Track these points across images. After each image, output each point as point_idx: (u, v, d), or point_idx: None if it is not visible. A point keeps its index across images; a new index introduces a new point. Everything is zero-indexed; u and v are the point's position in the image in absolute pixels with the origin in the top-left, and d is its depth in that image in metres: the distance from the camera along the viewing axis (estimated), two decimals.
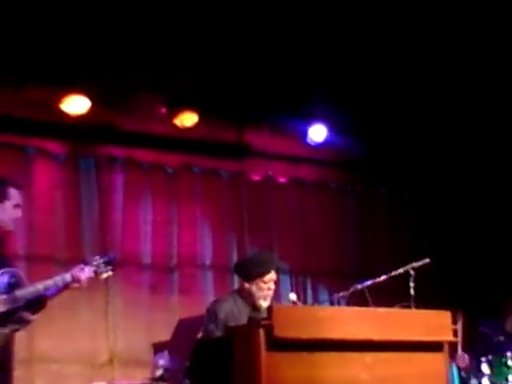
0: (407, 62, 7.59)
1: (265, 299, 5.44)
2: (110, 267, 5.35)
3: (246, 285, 5.45)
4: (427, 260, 5.62)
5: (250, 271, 5.46)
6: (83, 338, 7.46)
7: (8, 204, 5.05)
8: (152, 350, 6.66)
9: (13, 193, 5.09)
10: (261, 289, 5.43)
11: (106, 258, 5.38)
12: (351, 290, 5.70)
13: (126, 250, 7.82)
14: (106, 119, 7.78)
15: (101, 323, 7.60)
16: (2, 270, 4.94)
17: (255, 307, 5.44)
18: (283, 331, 4.34)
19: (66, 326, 7.26)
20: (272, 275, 5.49)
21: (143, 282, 7.90)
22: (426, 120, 8.48)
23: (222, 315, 5.30)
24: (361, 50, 7.41)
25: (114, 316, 7.65)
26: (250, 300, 5.45)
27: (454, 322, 5.15)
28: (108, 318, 7.63)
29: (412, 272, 5.50)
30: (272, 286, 5.50)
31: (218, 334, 5.18)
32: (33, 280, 5.13)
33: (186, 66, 7.30)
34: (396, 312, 4.97)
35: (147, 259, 7.98)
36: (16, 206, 5.09)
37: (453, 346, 5.03)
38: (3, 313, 4.83)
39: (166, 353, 6.03)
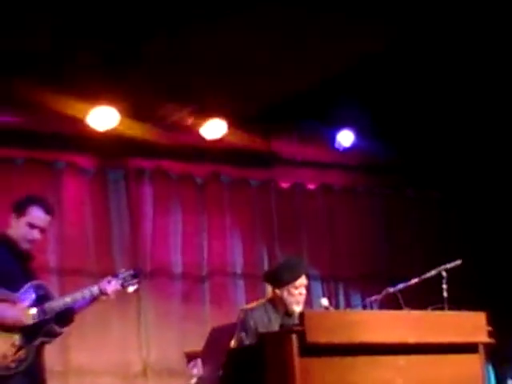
0: (431, 63, 7.53)
1: (297, 304, 5.42)
2: (136, 280, 5.38)
3: (277, 291, 5.43)
4: (459, 261, 5.56)
5: (280, 277, 5.44)
6: (116, 350, 7.50)
7: (23, 221, 5.01)
8: (185, 359, 6.65)
9: (33, 212, 5.03)
10: (292, 294, 5.41)
11: (132, 271, 5.40)
12: (383, 293, 5.65)
13: (156, 261, 7.85)
14: (133, 132, 7.80)
15: (133, 334, 7.63)
16: (30, 284, 4.96)
17: (287, 313, 5.42)
18: (316, 336, 4.31)
19: (99, 338, 7.30)
20: (302, 280, 5.47)
21: (175, 292, 7.92)
22: (455, 120, 8.42)
23: (252, 323, 5.29)
24: (385, 53, 7.37)
25: (147, 327, 7.68)
26: (281, 307, 5.43)
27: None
28: (140, 329, 7.66)
29: (444, 274, 5.45)
30: (303, 291, 5.47)
31: (249, 341, 5.16)
32: (65, 293, 5.17)
33: (212, 75, 7.30)
34: (429, 314, 4.93)
35: (178, 269, 7.99)
36: (32, 225, 5.02)
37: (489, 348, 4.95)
38: (33, 326, 4.85)
39: (199, 362, 6.02)
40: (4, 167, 7.39)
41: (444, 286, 5.40)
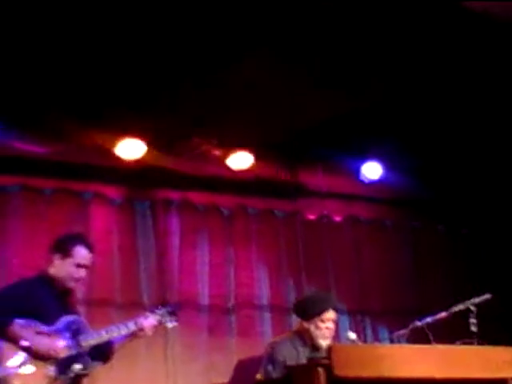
0: (459, 98, 7.52)
1: (323, 339, 5.38)
2: (174, 317, 5.37)
3: (305, 324, 5.41)
4: (488, 296, 5.51)
5: (308, 310, 5.42)
6: (144, 382, 7.47)
7: (69, 262, 5.06)
8: None
9: (78, 252, 5.09)
10: (319, 328, 5.38)
11: (169, 308, 5.40)
12: (411, 327, 5.60)
13: (183, 293, 7.84)
14: (160, 163, 7.84)
15: (160, 366, 7.60)
16: (66, 318, 4.99)
17: (314, 347, 5.38)
18: (343, 370, 4.27)
19: (126, 370, 7.25)
20: (330, 314, 5.44)
21: (201, 325, 7.88)
22: (482, 156, 8.38)
23: (279, 356, 5.26)
24: (410, 89, 7.37)
25: (174, 359, 7.64)
26: (308, 340, 5.40)
27: None
28: (167, 361, 7.62)
29: (473, 308, 5.40)
30: (331, 325, 5.44)
31: (276, 375, 5.13)
32: (92, 324, 5.18)
33: (238, 106, 7.33)
34: (458, 349, 4.88)
35: (205, 301, 7.97)
36: (79, 265, 5.08)
37: None
38: (67, 358, 4.87)
39: None
40: (33, 197, 7.46)
41: (472, 321, 5.35)
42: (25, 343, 4.75)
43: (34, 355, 4.76)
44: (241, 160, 8.01)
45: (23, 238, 7.36)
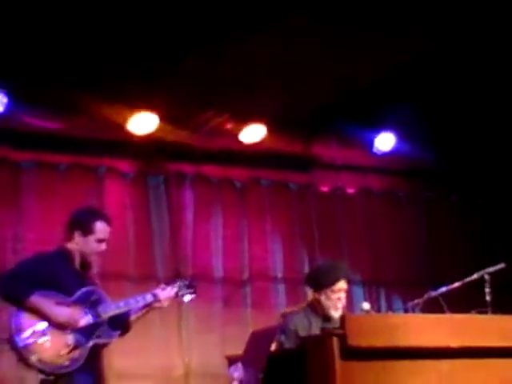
0: (477, 68, 7.46)
1: (335, 309, 5.37)
2: (192, 290, 5.41)
3: (316, 295, 5.41)
4: (502, 265, 5.50)
5: (319, 280, 5.42)
6: (157, 354, 7.52)
7: (91, 238, 5.13)
8: (226, 363, 6.65)
9: (99, 227, 5.16)
10: (329, 298, 5.37)
11: (187, 281, 5.44)
12: (425, 297, 5.61)
13: (197, 266, 7.87)
14: (173, 136, 7.84)
15: (174, 338, 7.65)
16: (84, 289, 5.05)
17: (326, 318, 5.38)
18: (357, 340, 4.28)
19: (140, 342, 7.27)
20: (341, 284, 5.42)
21: (215, 297, 7.93)
22: (497, 126, 8.33)
23: (291, 326, 5.28)
24: (425, 58, 7.32)
25: (188, 331, 7.69)
26: (320, 311, 5.40)
27: None
28: (182, 333, 7.68)
29: (487, 277, 5.39)
30: (342, 295, 5.43)
31: (289, 345, 5.15)
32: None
33: (251, 80, 7.31)
34: (472, 318, 4.86)
35: (219, 274, 8.01)
36: (100, 240, 5.16)
37: None
38: (86, 327, 4.93)
39: (239, 365, 6.01)
40: (47, 172, 7.49)
41: (487, 290, 5.35)
42: (44, 313, 4.81)
43: (54, 325, 4.83)
44: (254, 133, 8.00)
45: (38, 213, 7.41)
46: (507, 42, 7.00)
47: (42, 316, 4.83)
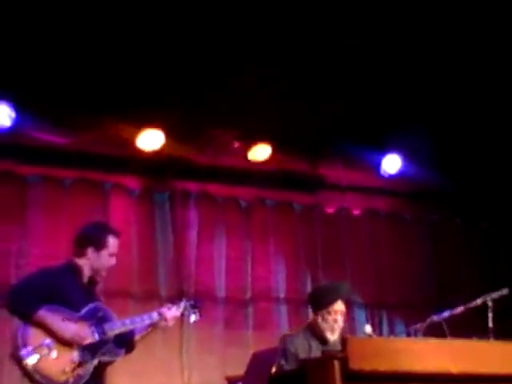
0: (481, 92, 7.48)
1: (331, 331, 5.32)
2: (196, 310, 5.41)
3: (315, 316, 5.38)
4: (506, 290, 5.48)
5: (316, 302, 5.40)
6: (158, 375, 7.48)
7: (104, 253, 5.16)
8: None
9: (111, 242, 5.19)
10: (326, 320, 5.33)
11: (193, 301, 5.44)
12: (428, 321, 5.59)
13: (200, 285, 7.85)
14: (180, 154, 7.86)
15: (176, 358, 7.62)
16: (91, 305, 5.05)
17: (322, 340, 5.34)
18: (358, 363, 4.25)
19: (141, 362, 7.24)
20: (338, 306, 5.37)
21: (217, 317, 7.89)
22: (502, 149, 8.33)
23: (292, 349, 5.25)
24: (435, 80, 7.34)
25: (189, 351, 7.66)
26: (318, 332, 5.36)
27: None
28: (183, 353, 7.64)
29: (490, 303, 5.38)
30: (339, 317, 5.37)
31: (289, 367, 5.12)
32: None
33: (260, 100, 7.34)
34: (474, 343, 4.83)
35: (221, 293, 7.98)
36: (112, 254, 5.20)
37: None
38: (91, 345, 4.92)
39: None
40: (53, 187, 7.50)
41: (490, 315, 5.33)
42: (50, 328, 4.80)
43: (60, 341, 4.82)
44: (260, 152, 8.00)
45: (43, 228, 7.41)
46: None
47: (48, 331, 4.82)
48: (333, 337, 5.30)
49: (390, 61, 7.06)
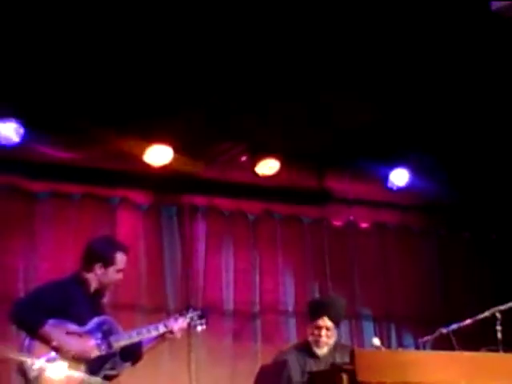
0: (485, 106, 7.49)
1: (317, 346, 5.37)
2: (204, 320, 5.41)
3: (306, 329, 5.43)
4: None
5: (307, 315, 5.43)
6: None
7: (111, 269, 5.18)
8: None
9: (119, 258, 5.22)
10: (312, 334, 5.39)
11: (200, 311, 5.45)
12: (436, 334, 5.58)
13: (208, 298, 7.85)
14: (188, 168, 7.87)
15: (184, 371, 7.60)
16: (97, 319, 5.06)
17: (312, 354, 5.36)
18: (367, 376, 4.27)
19: (149, 374, 7.24)
20: (322, 322, 5.41)
21: (226, 330, 7.89)
22: (508, 162, 8.33)
23: (285, 373, 5.25)
24: (441, 94, 7.35)
25: (197, 363, 7.64)
26: (306, 345, 5.40)
27: None
28: (191, 365, 7.62)
29: (498, 315, 5.36)
30: (323, 333, 5.40)
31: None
32: None
33: (267, 114, 7.36)
34: (483, 356, 4.84)
35: (230, 306, 7.98)
36: (119, 270, 5.22)
37: None
38: (98, 358, 4.92)
39: None
40: (61, 202, 7.52)
41: (498, 328, 5.32)
42: (55, 344, 4.81)
43: (64, 355, 4.82)
44: (268, 166, 8.01)
45: (52, 242, 7.43)
46: None
47: (53, 347, 4.82)
48: (321, 351, 5.34)
49: (399, 75, 7.07)
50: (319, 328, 5.40)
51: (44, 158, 7.34)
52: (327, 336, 5.42)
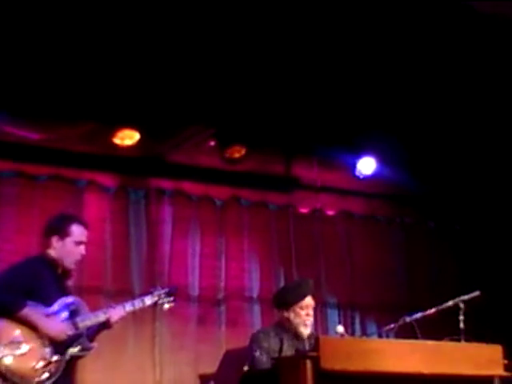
0: (452, 95, 7.55)
1: (304, 326, 5.41)
2: (171, 298, 5.40)
3: (285, 314, 5.45)
4: (477, 293, 5.53)
5: (287, 299, 5.46)
6: (130, 371, 7.47)
7: (68, 240, 5.12)
8: (199, 381, 6.64)
9: (75, 230, 5.16)
10: (299, 315, 5.42)
11: (168, 289, 5.43)
12: (400, 322, 5.61)
13: (173, 282, 7.80)
14: (155, 152, 7.85)
15: (148, 356, 7.60)
16: (63, 299, 5.02)
17: (296, 336, 5.41)
18: (330, 363, 4.30)
19: (113, 359, 7.27)
20: (308, 300, 5.46)
21: (190, 315, 7.89)
22: (475, 153, 8.40)
23: (265, 343, 5.30)
24: (410, 83, 7.39)
25: (161, 348, 7.65)
26: (291, 329, 5.42)
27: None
28: (155, 349, 7.63)
29: (462, 305, 5.42)
30: (310, 312, 5.46)
31: (265, 359, 5.16)
32: None
33: (235, 99, 7.35)
34: (445, 345, 4.89)
35: (195, 292, 7.98)
36: (78, 243, 5.15)
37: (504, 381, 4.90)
38: (64, 340, 4.89)
39: None
40: (27, 183, 7.45)
41: (461, 318, 5.38)
42: (36, 326, 4.78)
43: (43, 337, 4.80)
44: (235, 152, 8.01)
45: (16, 224, 7.36)
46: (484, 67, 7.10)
47: (33, 329, 4.79)
48: (306, 331, 5.38)
49: (365, 64, 7.11)
50: (307, 307, 5.44)
51: (9, 138, 7.26)
52: (312, 315, 5.48)
